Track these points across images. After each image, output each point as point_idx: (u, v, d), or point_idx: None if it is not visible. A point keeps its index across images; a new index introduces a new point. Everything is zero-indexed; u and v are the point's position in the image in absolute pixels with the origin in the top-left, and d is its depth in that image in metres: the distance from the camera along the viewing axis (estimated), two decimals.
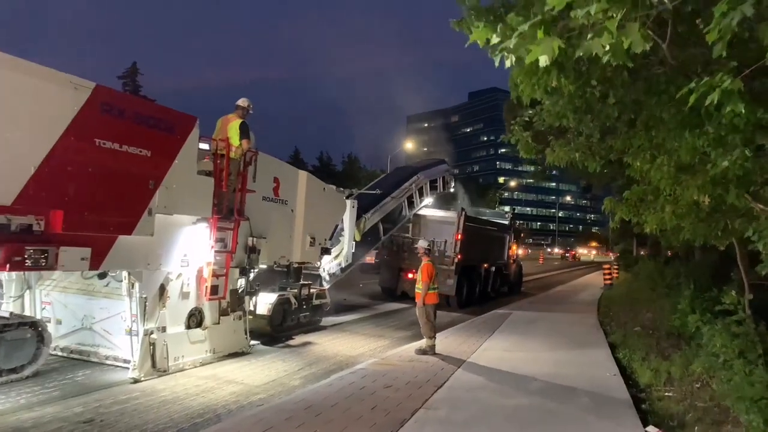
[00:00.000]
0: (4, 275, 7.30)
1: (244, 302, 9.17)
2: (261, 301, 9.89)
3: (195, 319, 8.07)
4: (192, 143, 7.49)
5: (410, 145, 51.17)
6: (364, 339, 11.06)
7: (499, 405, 6.31)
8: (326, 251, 12.05)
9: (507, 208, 61.19)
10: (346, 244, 13.27)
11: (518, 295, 22.23)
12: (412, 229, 17.27)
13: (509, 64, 3.47)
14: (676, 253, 23.10)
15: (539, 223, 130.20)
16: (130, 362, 7.13)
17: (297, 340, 10.43)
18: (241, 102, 9.24)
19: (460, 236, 16.41)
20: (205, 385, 7.03)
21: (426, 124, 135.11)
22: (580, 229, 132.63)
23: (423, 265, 9.31)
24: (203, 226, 8.00)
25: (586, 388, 7.17)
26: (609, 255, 63.01)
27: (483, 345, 10.07)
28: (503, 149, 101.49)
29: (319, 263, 12.26)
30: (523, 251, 42.72)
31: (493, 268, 20.07)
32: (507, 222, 22.47)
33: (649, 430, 5.62)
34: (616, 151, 7.39)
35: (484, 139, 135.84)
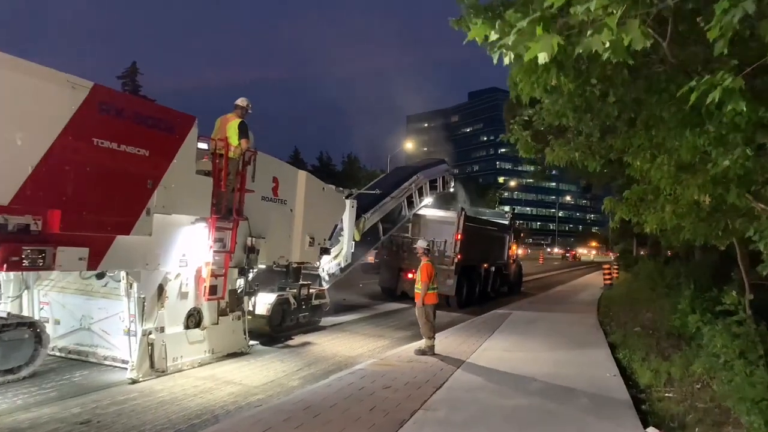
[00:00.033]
0: (2, 275, 7.27)
1: (243, 302, 9.15)
2: (260, 301, 9.86)
3: (193, 320, 8.05)
4: (191, 143, 7.47)
5: (410, 145, 51.21)
6: (364, 339, 11.04)
7: (499, 405, 6.29)
8: (325, 251, 12.04)
9: (507, 208, 61.36)
10: (346, 244, 13.26)
11: (518, 295, 22.22)
12: (412, 229, 17.25)
13: (508, 61, 3.45)
14: (676, 253, 23.07)
15: (539, 223, 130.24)
16: (128, 363, 7.11)
17: (296, 340, 10.41)
18: (239, 101, 9.22)
19: (459, 236, 16.39)
20: (204, 385, 7.00)
21: (426, 124, 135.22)
22: (580, 229, 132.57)
23: (422, 265, 9.29)
24: (202, 226, 7.98)
25: (586, 388, 7.15)
26: (609, 255, 63.04)
27: (482, 345, 10.05)
28: (503, 149, 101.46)
29: (318, 263, 12.24)
30: (523, 251, 42.75)
31: (493, 268, 20.06)
32: (507, 222, 22.46)
33: (649, 431, 5.60)
34: (616, 150, 7.35)
35: (484, 139, 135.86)
